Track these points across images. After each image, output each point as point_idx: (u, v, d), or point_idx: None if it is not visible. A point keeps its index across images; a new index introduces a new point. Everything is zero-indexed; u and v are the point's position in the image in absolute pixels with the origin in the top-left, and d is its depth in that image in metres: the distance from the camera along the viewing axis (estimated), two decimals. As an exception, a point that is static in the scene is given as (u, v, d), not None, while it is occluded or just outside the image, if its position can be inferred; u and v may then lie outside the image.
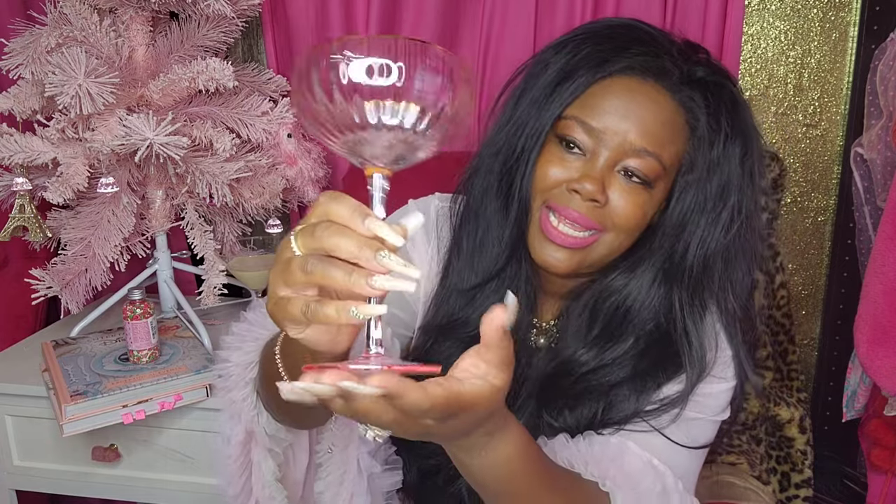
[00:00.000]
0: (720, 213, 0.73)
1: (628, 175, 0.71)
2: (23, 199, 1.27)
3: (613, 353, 0.75)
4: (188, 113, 1.31)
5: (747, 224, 0.74)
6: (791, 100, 1.47)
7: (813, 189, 1.51)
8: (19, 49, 1.25)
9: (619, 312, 0.76)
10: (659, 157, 0.70)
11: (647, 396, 0.75)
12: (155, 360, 1.21)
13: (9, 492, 1.33)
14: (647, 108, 0.70)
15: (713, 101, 0.72)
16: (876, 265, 1.15)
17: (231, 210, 1.48)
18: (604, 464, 0.72)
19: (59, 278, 1.32)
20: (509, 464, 0.57)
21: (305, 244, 0.48)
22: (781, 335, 1.33)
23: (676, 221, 0.74)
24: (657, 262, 0.75)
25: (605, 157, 0.71)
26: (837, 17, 1.42)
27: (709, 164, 0.72)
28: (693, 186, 0.73)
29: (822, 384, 1.56)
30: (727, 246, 0.74)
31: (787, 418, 1.29)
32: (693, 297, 0.75)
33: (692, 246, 0.74)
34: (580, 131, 0.71)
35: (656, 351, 0.76)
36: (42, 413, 1.24)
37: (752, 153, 0.74)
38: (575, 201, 0.71)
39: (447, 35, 1.46)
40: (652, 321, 0.76)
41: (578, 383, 0.76)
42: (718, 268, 0.75)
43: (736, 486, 1.18)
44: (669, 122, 0.71)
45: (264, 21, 1.50)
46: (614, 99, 0.71)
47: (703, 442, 0.77)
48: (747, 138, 0.74)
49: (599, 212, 0.71)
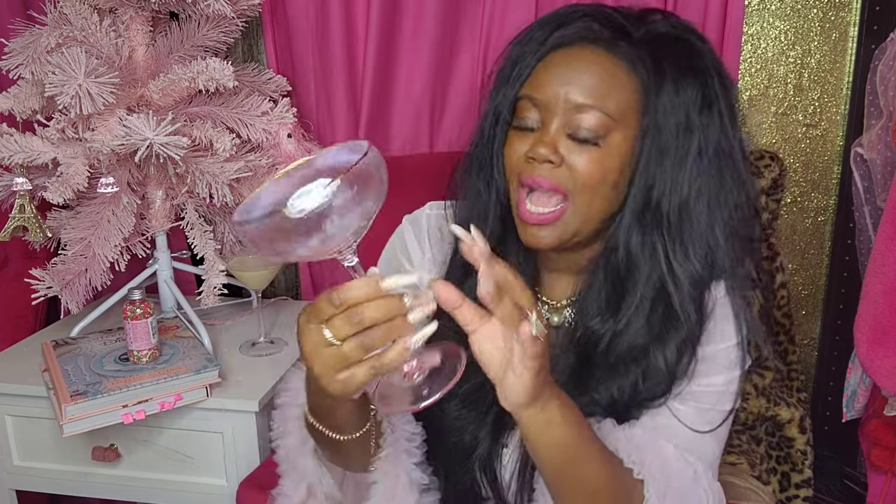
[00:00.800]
0: (685, 156, 0.75)
1: (578, 135, 0.75)
2: (23, 199, 1.27)
3: (626, 315, 0.78)
4: (188, 113, 1.31)
5: (719, 162, 0.76)
6: (791, 100, 1.47)
7: (813, 189, 1.51)
8: (19, 49, 1.25)
9: (620, 273, 0.79)
10: (601, 108, 0.74)
11: (673, 356, 0.77)
12: (155, 360, 1.21)
13: (9, 492, 1.33)
14: (583, 68, 0.75)
15: (659, 51, 0.76)
16: (876, 265, 1.15)
17: (231, 210, 1.48)
18: (641, 452, 0.75)
19: (59, 278, 1.32)
20: (568, 427, 0.66)
21: (344, 332, 0.57)
22: (781, 335, 1.33)
23: (643, 169, 0.76)
24: (635, 211, 0.77)
25: (555, 122, 0.75)
26: (837, 17, 1.42)
27: (662, 110, 0.75)
28: (650, 132, 0.75)
29: (822, 384, 1.57)
30: (700, 187, 0.76)
31: (787, 418, 1.29)
32: (676, 244, 0.77)
33: (665, 191, 0.76)
34: (530, 108, 0.77)
35: (664, 307, 0.78)
36: (42, 413, 1.24)
37: (711, 93, 0.76)
38: (536, 168, 0.75)
39: (447, 35, 1.46)
40: (650, 276, 0.78)
41: (609, 354, 0.79)
42: (700, 211, 0.76)
43: (736, 486, 1.18)
44: (608, 75, 0.75)
45: (264, 21, 1.50)
46: (553, 69, 0.76)
47: (718, 421, 0.79)
48: (704, 82, 0.76)
49: (559, 173, 0.75)
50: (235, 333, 1.45)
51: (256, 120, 1.33)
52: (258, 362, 1.33)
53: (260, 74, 1.46)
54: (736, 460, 1.23)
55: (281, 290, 1.71)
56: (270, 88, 1.46)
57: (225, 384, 1.23)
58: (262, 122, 1.33)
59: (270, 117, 1.34)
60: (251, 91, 1.40)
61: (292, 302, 1.67)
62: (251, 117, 1.33)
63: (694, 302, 0.77)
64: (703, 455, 0.78)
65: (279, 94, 1.47)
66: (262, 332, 1.38)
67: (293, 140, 1.37)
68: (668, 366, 0.77)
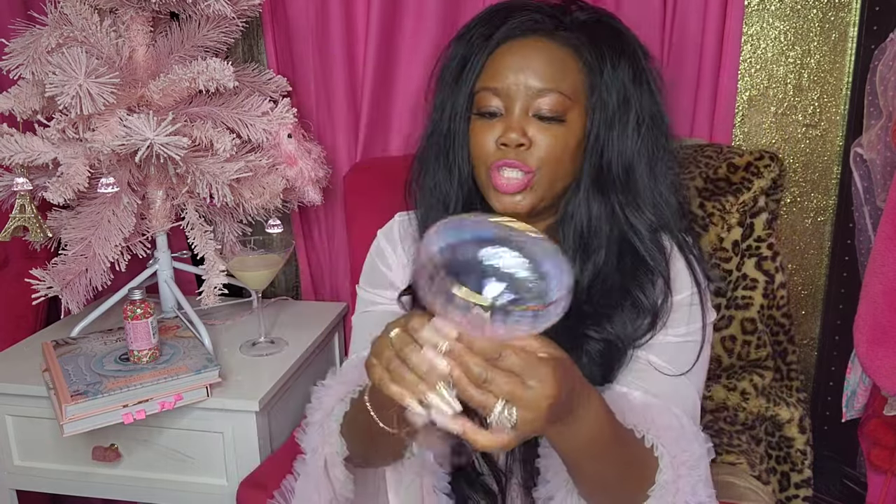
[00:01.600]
0: (627, 124, 0.85)
1: (542, 116, 0.83)
2: (23, 200, 1.27)
3: (597, 268, 0.86)
4: (188, 113, 1.31)
5: (654, 127, 0.87)
6: (791, 100, 1.48)
7: (813, 189, 1.51)
8: (20, 49, 1.25)
9: (583, 235, 0.87)
10: (558, 90, 0.83)
11: (651, 291, 0.86)
12: (155, 360, 1.21)
13: (9, 492, 1.33)
14: (534, 56, 0.84)
15: (592, 35, 0.85)
16: (875, 265, 1.15)
17: (231, 210, 1.48)
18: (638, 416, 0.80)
19: (60, 278, 1.32)
20: (601, 425, 0.70)
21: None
22: (781, 335, 1.33)
23: (594, 140, 0.85)
24: (592, 177, 0.86)
25: (518, 107, 0.83)
26: (837, 18, 1.42)
27: (605, 86, 0.84)
28: (598, 108, 0.85)
29: (822, 384, 1.57)
30: (640, 150, 0.86)
31: (787, 418, 1.29)
32: (629, 201, 0.86)
33: (613, 157, 0.85)
34: (491, 97, 0.85)
35: (631, 256, 0.87)
36: (42, 413, 1.24)
37: (640, 69, 0.86)
38: (507, 153, 0.83)
39: (447, 35, 1.46)
40: (612, 232, 0.87)
41: (591, 302, 0.86)
42: (642, 170, 0.86)
43: (736, 486, 1.18)
44: (557, 60, 0.84)
45: (264, 21, 1.50)
46: (506, 60, 0.84)
47: (687, 366, 0.86)
48: (633, 58, 0.86)
49: (528, 154, 0.83)
50: (236, 333, 1.45)
51: (256, 120, 1.33)
52: (258, 362, 1.33)
53: (260, 74, 1.46)
54: (736, 460, 1.23)
55: (281, 290, 1.71)
56: (270, 88, 1.46)
57: (225, 384, 1.23)
58: (263, 122, 1.34)
59: (270, 117, 1.34)
60: (251, 91, 1.40)
61: (292, 302, 1.67)
62: (251, 117, 1.33)
63: (656, 245, 0.87)
64: (684, 405, 0.84)
65: (279, 94, 1.47)
66: (262, 332, 1.39)
67: (293, 140, 1.38)
68: (649, 299, 0.85)
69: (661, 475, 0.76)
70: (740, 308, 1.28)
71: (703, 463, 0.80)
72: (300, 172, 1.40)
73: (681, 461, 0.77)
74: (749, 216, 1.27)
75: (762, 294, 1.28)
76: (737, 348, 1.28)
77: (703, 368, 0.88)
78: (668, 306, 0.86)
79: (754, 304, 1.28)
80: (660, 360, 0.85)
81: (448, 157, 0.91)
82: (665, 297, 0.86)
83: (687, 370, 0.85)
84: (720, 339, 1.29)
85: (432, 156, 0.93)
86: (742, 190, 1.26)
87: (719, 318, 1.29)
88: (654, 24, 1.40)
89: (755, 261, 1.28)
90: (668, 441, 0.78)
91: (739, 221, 1.26)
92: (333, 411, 0.87)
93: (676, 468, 0.77)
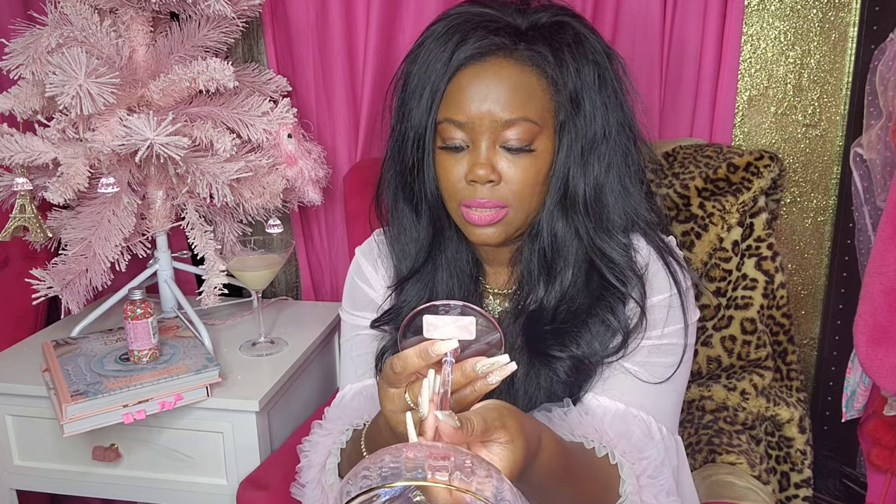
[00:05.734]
0: (593, 139, 0.82)
1: (510, 147, 0.79)
2: (23, 200, 1.27)
3: (563, 289, 0.84)
4: (188, 113, 1.31)
5: (622, 134, 0.83)
6: (791, 100, 1.48)
7: (812, 189, 1.51)
8: (20, 49, 1.25)
9: (547, 256, 0.85)
10: (525, 118, 0.78)
11: (622, 312, 0.83)
12: (155, 360, 1.21)
13: (9, 491, 1.33)
14: (496, 83, 0.78)
15: (554, 42, 0.80)
16: (875, 265, 1.15)
17: (231, 210, 1.48)
18: (595, 428, 0.78)
19: (60, 278, 1.32)
20: (551, 461, 0.65)
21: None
22: (781, 335, 1.33)
23: (561, 164, 0.82)
24: (556, 199, 0.83)
25: (484, 141, 0.79)
26: (837, 18, 1.42)
27: (571, 97, 0.80)
28: (567, 127, 0.81)
29: (822, 384, 1.57)
30: (609, 167, 0.83)
31: (787, 418, 1.29)
32: (597, 224, 0.83)
33: (580, 181, 0.82)
34: (455, 130, 0.80)
35: (598, 275, 0.84)
36: (42, 413, 1.24)
37: (603, 70, 0.82)
38: (478, 190, 0.80)
39: (447, 35, 1.46)
40: (577, 253, 0.84)
41: (556, 321, 0.84)
42: (612, 187, 0.83)
43: (736, 486, 1.18)
44: (521, 85, 0.79)
45: (264, 21, 1.50)
46: (467, 89, 0.79)
47: (663, 368, 0.83)
48: (595, 60, 0.81)
49: (499, 189, 0.80)
50: (236, 333, 1.45)
51: (257, 120, 1.33)
52: (258, 362, 1.33)
53: (260, 74, 1.46)
54: (735, 460, 1.23)
55: (281, 290, 1.71)
56: (270, 88, 1.46)
57: (225, 384, 1.23)
58: (263, 122, 1.34)
59: (271, 117, 1.34)
60: (251, 91, 1.40)
61: (292, 302, 1.67)
62: (251, 117, 1.33)
63: (629, 265, 0.83)
64: (657, 410, 0.82)
65: (279, 94, 1.47)
66: (262, 332, 1.39)
67: (293, 140, 1.38)
68: (619, 320, 0.82)
69: (624, 486, 0.75)
70: (740, 308, 1.28)
71: (665, 472, 0.77)
72: (300, 172, 1.40)
73: (641, 469, 0.76)
74: (749, 216, 1.27)
75: (762, 294, 1.28)
76: (737, 348, 1.29)
77: (685, 371, 0.86)
78: (642, 326, 0.83)
79: (754, 304, 1.28)
80: (632, 364, 0.83)
81: (413, 190, 0.88)
82: (640, 318, 0.83)
83: (667, 374, 0.83)
84: (720, 339, 1.29)
85: (398, 188, 0.90)
86: (742, 190, 1.27)
87: (719, 318, 1.29)
88: (654, 24, 1.40)
89: (755, 261, 1.28)
90: (626, 449, 0.76)
91: (739, 221, 1.26)
92: (326, 465, 0.86)
93: (637, 476, 0.75)
